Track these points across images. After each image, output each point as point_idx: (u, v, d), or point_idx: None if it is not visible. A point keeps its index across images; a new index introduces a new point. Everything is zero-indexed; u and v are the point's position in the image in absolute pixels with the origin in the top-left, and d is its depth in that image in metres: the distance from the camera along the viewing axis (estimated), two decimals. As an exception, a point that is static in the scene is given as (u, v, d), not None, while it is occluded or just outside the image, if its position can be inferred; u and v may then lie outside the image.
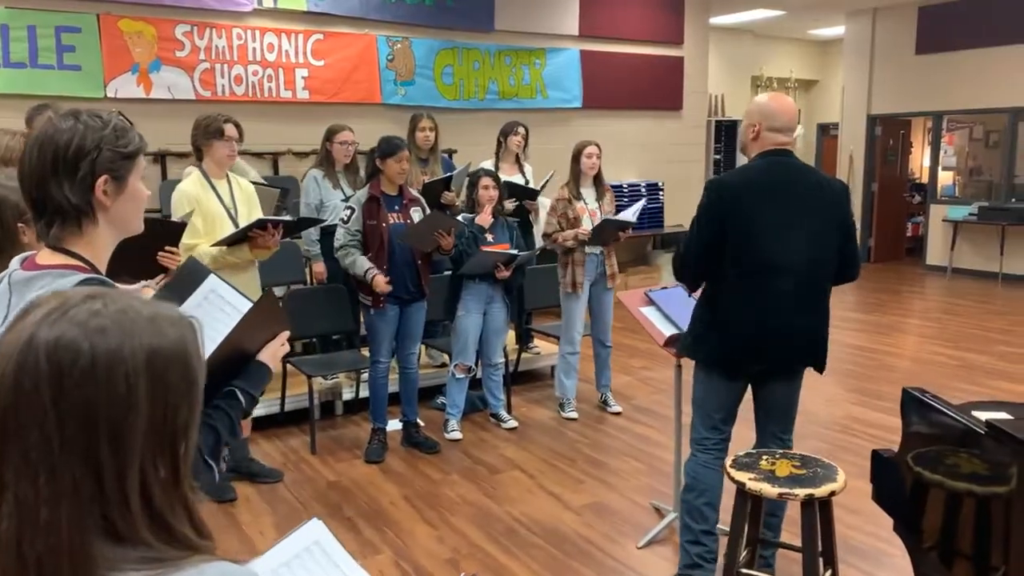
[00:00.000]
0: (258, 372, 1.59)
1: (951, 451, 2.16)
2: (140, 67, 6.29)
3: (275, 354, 1.63)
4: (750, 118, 2.82)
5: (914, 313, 8.16)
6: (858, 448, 4.41)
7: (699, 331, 2.87)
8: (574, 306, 4.84)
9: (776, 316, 2.70)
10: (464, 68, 7.84)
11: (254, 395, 1.55)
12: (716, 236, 2.68)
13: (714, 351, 2.81)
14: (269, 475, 4.01)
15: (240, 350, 1.56)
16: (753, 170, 2.78)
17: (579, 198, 4.80)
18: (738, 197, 2.69)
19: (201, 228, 3.58)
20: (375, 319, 4.11)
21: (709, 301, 2.83)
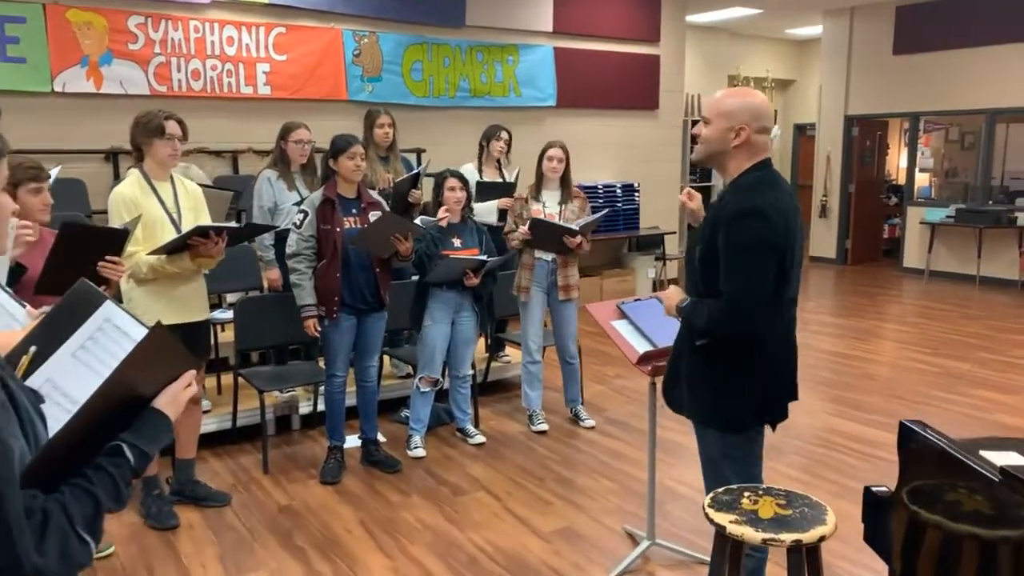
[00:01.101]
0: (152, 422, 1.33)
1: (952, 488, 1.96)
2: (90, 60, 5.96)
3: (176, 399, 1.37)
4: (734, 118, 2.28)
5: (891, 317, 8.03)
6: (840, 464, 4.23)
7: (732, 389, 2.34)
8: (525, 314, 4.65)
9: (792, 352, 2.48)
10: (434, 64, 7.57)
11: (146, 451, 1.30)
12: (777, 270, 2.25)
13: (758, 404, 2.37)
14: (215, 499, 3.73)
15: (129, 394, 1.31)
16: (777, 186, 2.34)
17: (538, 200, 4.59)
18: (787, 222, 2.27)
19: (140, 235, 3.30)
20: (329, 330, 3.85)
21: (743, 348, 2.31)
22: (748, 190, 2.29)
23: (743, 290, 2.22)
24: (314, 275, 3.81)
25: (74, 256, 2.66)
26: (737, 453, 2.42)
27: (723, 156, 2.34)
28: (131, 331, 1.35)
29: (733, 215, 2.23)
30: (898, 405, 5.19)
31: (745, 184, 2.31)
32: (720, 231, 2.25)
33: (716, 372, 2.36)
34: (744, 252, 2.21)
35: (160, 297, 3.37)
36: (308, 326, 3.80)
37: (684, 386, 2.45)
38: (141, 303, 3.36)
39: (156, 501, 3.55)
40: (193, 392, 1.41)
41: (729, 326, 2.27)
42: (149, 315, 3.34)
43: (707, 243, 2.29)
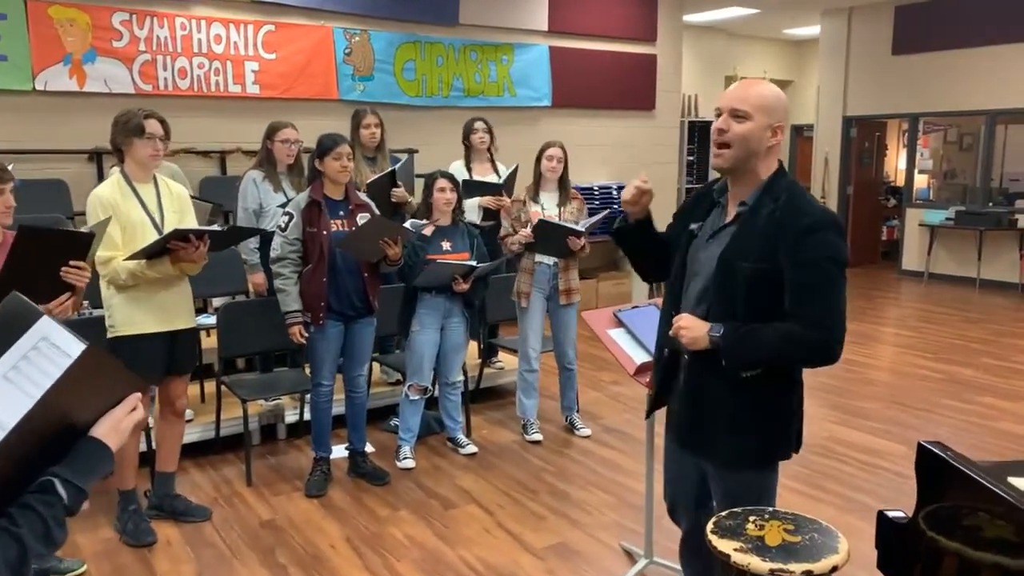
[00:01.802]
0: (89, 453, 1.19)
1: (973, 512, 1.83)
2: (73, 58, 5.81)
3: (118, 427, 1.23)
4: (775, 115, 1.99)
5: (891, 321, 7.91)
6: (843, 475, 4.09)
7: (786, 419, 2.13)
8: (525, 320, 4.49)
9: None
10: (427, 63, 7.43)
11: (81, 486, 1.16)
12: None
13: (794, 438, 2.18)
14: (195, 513, 3.58)
15: (62, 422, 1.16)
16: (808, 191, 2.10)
17: (536, 201, 4.45)
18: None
19: (119, 239, 3.16)
20: (315, 337, 3.70)
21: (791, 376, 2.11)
22: (799, 196, 2.02)
23: (829, 313, 1.95)
24: (299, 280, 3.66)
25: (34, 261, 2.51)
26: (772, 485, 2.21)
27: (755, 159, 2.02)
28: (71, 349, 1.20)
29: (810, 227, 1.95)
30: (901, 412, 5.06)
31: (786, 188, 2.03)
32: (789, 245, 1.95)
33: (770, 406, 2.09)
34: (830, 267, 1.94)
35: (141, 304, 3.22)
36: (293, 333, 3.66)
37: (719, 427, 2.11)
38: (121, 311, 3.22)
39: (133, 517, 3.40)
40: (139, 417, 1.27)
41: (818, 353, 1.97)
42: (130, 323, 3.21)
43: (761, 261, 1.97)
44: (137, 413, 1.26)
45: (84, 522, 3.55)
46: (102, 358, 1.17)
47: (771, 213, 2.00)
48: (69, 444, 1.18)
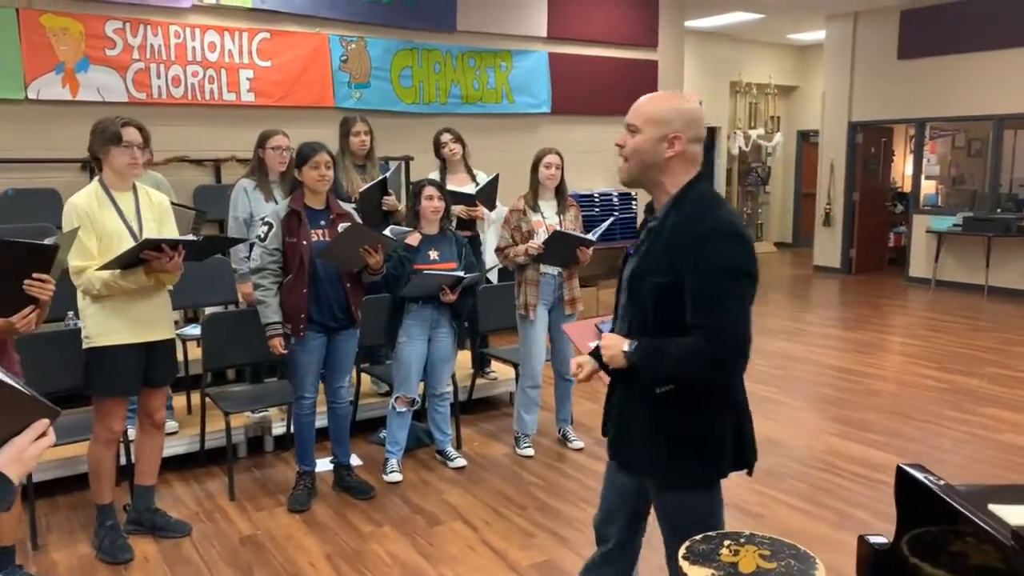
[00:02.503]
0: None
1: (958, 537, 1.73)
2: (66, 66, 5.79)
3: (22, 455, 1.15)
4: (667, 126, 1.96)
5: (897, 329, 7.78)
6: (841, 491, 3.99)
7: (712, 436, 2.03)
8: (530, 332, 4.39)
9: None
10: (424, 70, 7.38)
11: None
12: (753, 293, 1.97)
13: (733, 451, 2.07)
14: (175, 529, 3.51)
15: None
16: (726, 203, 2.06)
17: (536, 210, 4.36)
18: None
19: (95, 249, 3.10)
20: (296, 350, 3.63)
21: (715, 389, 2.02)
22: (704, 205, 1.98)
23: (725, 322, 1.88)
24: (280, 291, 3.59)
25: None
26: (709, 507, 2.09)
27: (655, 171, 2.01)
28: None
29: (704, 234, 1.91)
30: (903, 424, 4.94)
31: (695, 199, 1.99)
32: (684, 254, 1.91)
33: (684, 423, 2.01)
34: (729, 278, 1.89)
35: (116, 314, 3.15)
36: (274, 345, 3.59)
37: (640, 443, 2.07)
38: (97, 321, 3.15)
39: (110, 533, 3.33)
40: (48, 444, 1.19)
41: (709, 366, 1.91)
42: (105, 334, 3.15)
43: (665, 273, 1.94)
44: (47, 439, 1.18)
45: (62, 538, 3.49)
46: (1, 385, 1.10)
47: (676, 224, 1.97)
48: None
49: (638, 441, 2.09)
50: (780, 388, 5.69)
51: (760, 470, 4.15)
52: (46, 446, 1.19)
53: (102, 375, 3.17)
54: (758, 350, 6.97)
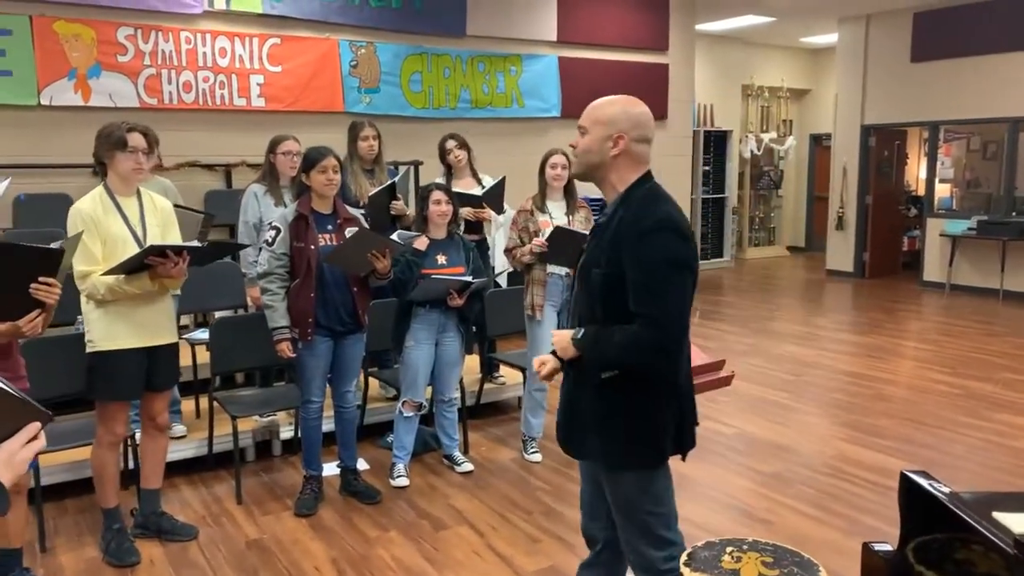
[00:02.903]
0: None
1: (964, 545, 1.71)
2: (78, 72, 5.84)
3: (12, 460, 1.15)
4: (612, 126, 2.10)
5: (910, 334, 7.70)
6: (851, 497, 3.95)
7: (658, 420, 2.13)
8: (537, 333, 4.37)
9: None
10: (433, 75, 7.40)
11: None
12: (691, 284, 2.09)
13: (674, 433, 2.17)
14: (181, 532, 3.52)
15: None
16: (671, 200, 2.15)
17: (543, 211, 4.35)
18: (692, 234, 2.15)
19: (100, 254, 3.11)
20: (304, 354, 3.63)
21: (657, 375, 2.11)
22: (648, 202, 2.10)
23: (667, 311, 2.01)
24: (287, 295, 3.60)
25: (4, 278, 2.46)
26: (656, 489, 2.20)
27: (603, 168, 2.14)
28: None
29: (647, 229, 2.02)
30: (915, 430, 4.89)
31: (641, 196, 2.12)
32: (628, 248, 2.03)
33: (629, 406, 2.12)
34: (665, 268, 2.01)
35: (119, 319, 3.17)
36: (281, 349, 3.59)
37: (589, 428, 2.18)
38: (100, 326, 3.17)
39: (116, 536, 3.34)
40: (39, 447, 1.19)
41: (651, 352, 2.02)
42: (109, 338, 3.16)
43: (610, 264, 2.06)
44: (38, 443, 1.18)
45: (69, 540, 3.51)
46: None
47: (621, 219, 2.09)
48: None
49: (585, 426, 2.19)
50: (791, 393, 5.65)
51: (769, 475, 4.17)
52: (37, 450, 1.19)
53: (105, 379, 3.19)
54: (768, 354, 6.94)
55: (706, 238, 12.04)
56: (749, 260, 12.85)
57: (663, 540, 2.23)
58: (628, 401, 2.12)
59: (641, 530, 2.22)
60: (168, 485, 3.85)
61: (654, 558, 2.22)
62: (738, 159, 12.35)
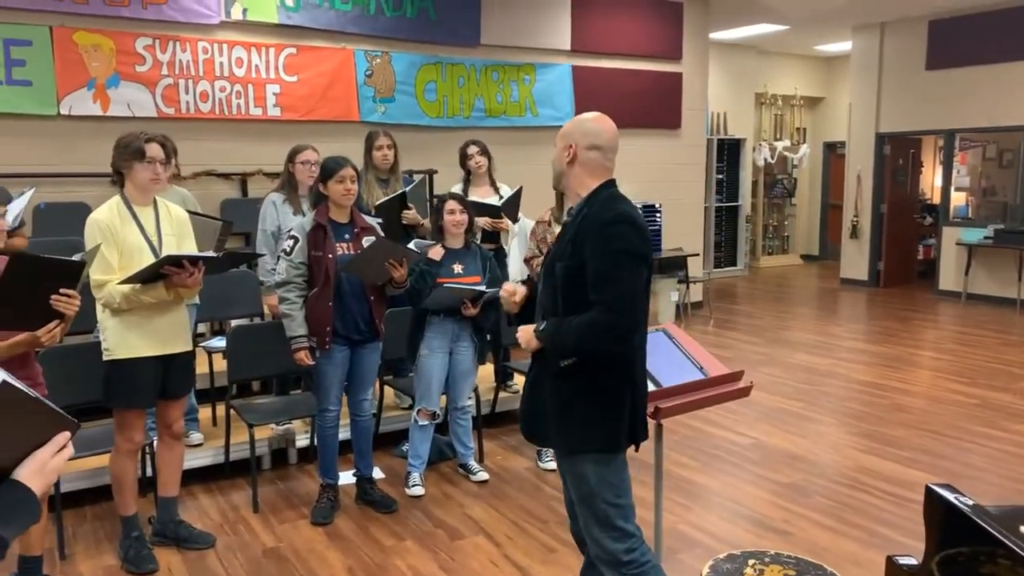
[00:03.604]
0: (10, 498, 1.12)
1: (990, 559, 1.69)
2: (97, 82, 5.89)
3: (43, 469, 1.16)
4: (567, 138, 2.37)
5: (927, 344, 7.65)
6: (870, 508, 3.92)
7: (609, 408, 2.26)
8: None
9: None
10: (448, 84, 7.42)
11: (1, 534, 1.09)
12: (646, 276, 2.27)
13: (632, 422, 2.31)
14: (199, 540, 3.53)
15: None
16: (628, 202, 2.33)
17: (560, 222, 4.36)
18: (647, 230, 2.31)
19: (116, 263, 3.14)
20: (321, 363, 3.65)
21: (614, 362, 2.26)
22: (608, 201, 2.29)
23: (621, 296, 2.16)
24: (305, 304, 3.62)
25: (25, 288, 2.49)
26: (614, 478, 2.31)
27: (565, 176, 2.38)
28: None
29: (605, 222, 2.21)
30: (933, 441, 4.85)
31: (603, 198, 2.31)
32: (589, 240, 2.21)
33: (586, 393, 2.26)
34: (620, 258, 2.18)
35: (135, 328, 3.19)
36: (300, 358, 3.60)
37: (550, 416, 2.32)
38: (116, 334, 3.19)
39: (134, 544, 3.36)
40: (68, 456, 1.20)
41: (606, 336, 2.18)
42: (124, 347, 3.18)
43: (571, 258, 2.25)
44: (66, 452, 1.19)
45: (88, 548, 3.53)
46: (17, 395, 1.11)
47: (584, 217, 2.29)
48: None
49: (546, 414, 2.34)
50: (806, 403, 5.62)
51: (786, 485, 4.15)
52: (66, 459, 1.20)
53: (121, 387, 3.21)
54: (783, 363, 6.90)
55: (720, 246, 12.01)
56: (763, 268, 12.81)
57: (624, 532, 2.31)
58: (585, 388, 2.26)
59: (601, 521, 2.32)
60: (185, 493, 3.86)
61: (615, 550, 2.31)
62: (751, 167, 12.33)
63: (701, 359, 2.88)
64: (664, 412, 2.62)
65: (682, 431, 4.98)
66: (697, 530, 3.70)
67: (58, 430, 1.18)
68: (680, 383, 2.74)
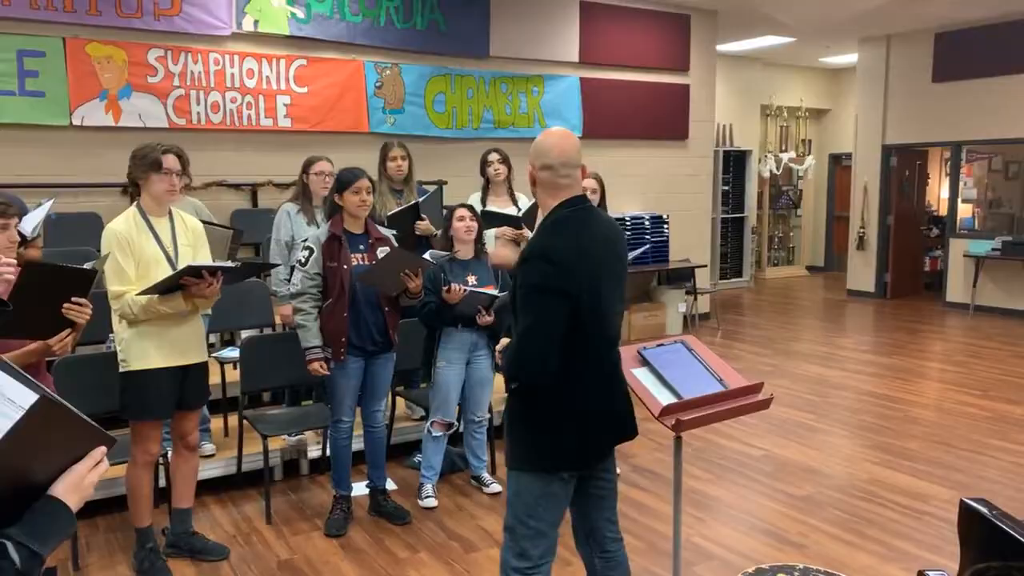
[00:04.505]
0: (47, 513, 1.11)
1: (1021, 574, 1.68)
2: (109, 93, 5.91)
3: (80, 484, 1.15)
4: (531, 156, 2.35)
5: (936, 355, 7.63)
6: (884, 520, 3.90)
7: (544, 427, 2.32)
8: None
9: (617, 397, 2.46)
10: (457, 96, 7.44)
11: (37, 550, 1.08)
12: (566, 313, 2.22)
13: (566, 451, 2.32)
14: (213, 552, 3.52)
15: (15, 480, 1.09)
16: (578, 226, 2.29)
17: None
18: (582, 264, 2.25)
19: (133, 274, 3.14)
20: (336, 373, 3.64)
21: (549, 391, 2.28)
22: (543, 232, 2.32)
23: (526, 331, 2.22)
24: (320, 315, 3.61)
25: (38, 296, 2.49)
26: (529, 498, 2.35)
27: (537, 196, 2.40)
28: (17, 396, 1.12)
29: (522, 258, 2.28)
30: (946, 454, 4.83)
31: (544, 226, 2.34)
32: (517, 273, 2.30)
33: (529, 414, 2.34)
34: (531, 293, 2.22)
35: (152, 339, 3.19)
36: (315, 368, 3.60)
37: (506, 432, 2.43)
38: (133, 345, 3.19)
39: (149, 555, 3.34)
40: (103, 471, 1.19)
41: (518, 368, 2.27)
42: (140, 358, 3.18)
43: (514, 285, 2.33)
44: (101, 467, 1.19)
45: (101, 559, 3.52)
46: (58, 410, 1.10)
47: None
48: (25, 504, 1.11)
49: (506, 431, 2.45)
50: (817, 415, 5.60)
51: (800, 498, 4.13)
52: (102, 473, 1.20)
53: (138, 398, 3.20)
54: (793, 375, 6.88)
55: (725, 258, 12.01)
56: (768, 280, 12.80)
57: (524, 552, 2.36)
58: (521, 411, 2.36)
59: (511, 531, 2.40)
60: (197, 504, 3.84)
61: (509, 563, 2.38)
62: (757, 179, 12.34)
63: (720, 371, 2.87)
64: (685, 424, 2.61)
65: (694, 443, 4.97)
66: (712, 543, 3.68)
67: (95, 445, 1.18)
68: (700, 395, 2.73)
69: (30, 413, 1.06)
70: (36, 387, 1.12)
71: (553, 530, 2.40)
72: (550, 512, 2.37)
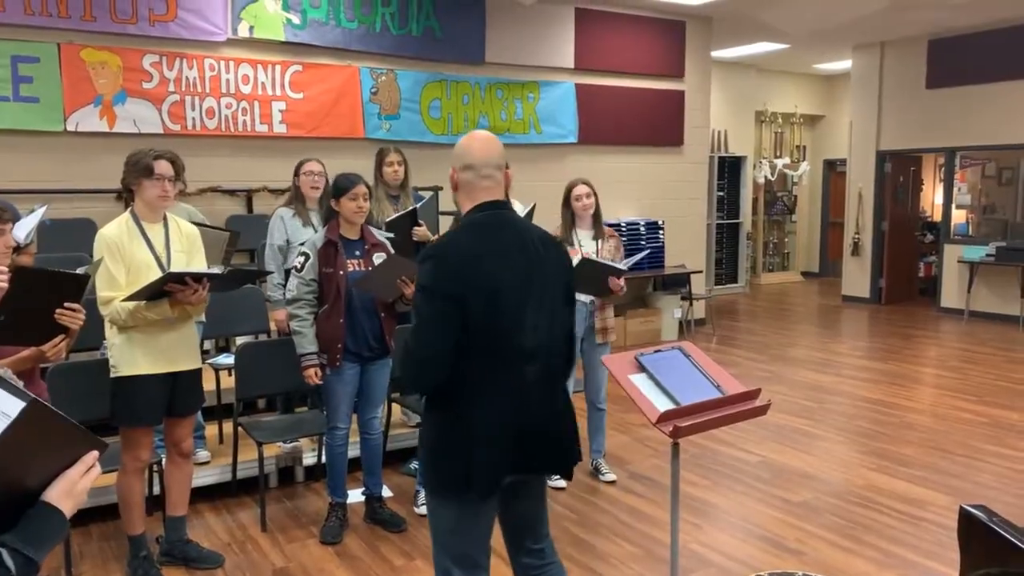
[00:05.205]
0: (41, 519, 1.10)
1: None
2: (104, 99, 5.90)
3: (73, 489, 1.14)
4: (452, 163, 2.25)
5: (931, 361, 7.64)
6: (880, 526, 3.89)
7: (441, 449, 2.18)
8: None
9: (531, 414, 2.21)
10: (453, 102, 7.45)
11: (31, 556, 1.07)
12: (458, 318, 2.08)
13: (466, 469, 2.12)
14: (207, 560, 3.49)
15: (9, 485, 1.08)
16: (477, 229, 2.18)
17: (570, 241, 4.37)
18: (481, 267, 2.12)
19: (123, 280, 3.12)
20: (331, 380, 3.63)
21: (447, 406, 2.17)
22: (448, 233, 2.30)
23: (414, 333, 2.14)
24: (316, 321, 3.60)
25: (30, 302, 2.47)
26: (448, 521, 2.24)
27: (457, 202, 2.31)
28: (9, 408, 1.11)
29: (419, 258, 2.20)
30: (942, 459, 4.83)
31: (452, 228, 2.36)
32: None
33: (430, 430, 2.24)
34: (419, 297, 2.15)
35: (141, 345, 3.17)
36: (309, 375, 3.58)
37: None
38: (122, 351, 3.17)
39: (143, 564, 3.32)
40: (96, 476, 1.18)
41: (402, 372, 2.18)
42: (130, 364, 3.16)
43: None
44: (94, 472, 1.17)
45: (95, 568, 3.49)
46: (48, 416, 1.09)
47: None
48: (18, 510, 1.09)
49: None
50: (813, 421, 5.60)
51: (797, 504, 4.12)
52: (94, 478, 1.18)
53: (127, 405, 3.18)
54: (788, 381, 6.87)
55: (720, 264, 12.03)
56: (764, 285, 12.82)
57: (446, 572, 2.28)
58: (426, 431, 2.26)
59: (434, 550, 2.32)
60: (192, 511, 3.82)
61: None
62: (752, 185, 12.37)
63: (718, 377, 2.86)
64: (683, 431, 2.60)
65: (690, 449, 4.96)
66: (709, 549, 3.67)
67: (86, 450, 1.17)
68: (698, 401, 2.72)
69: (18, 419, 1.04)
70: (24, 395, 1.11)
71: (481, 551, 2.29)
72: (469, 533, 2.25)
